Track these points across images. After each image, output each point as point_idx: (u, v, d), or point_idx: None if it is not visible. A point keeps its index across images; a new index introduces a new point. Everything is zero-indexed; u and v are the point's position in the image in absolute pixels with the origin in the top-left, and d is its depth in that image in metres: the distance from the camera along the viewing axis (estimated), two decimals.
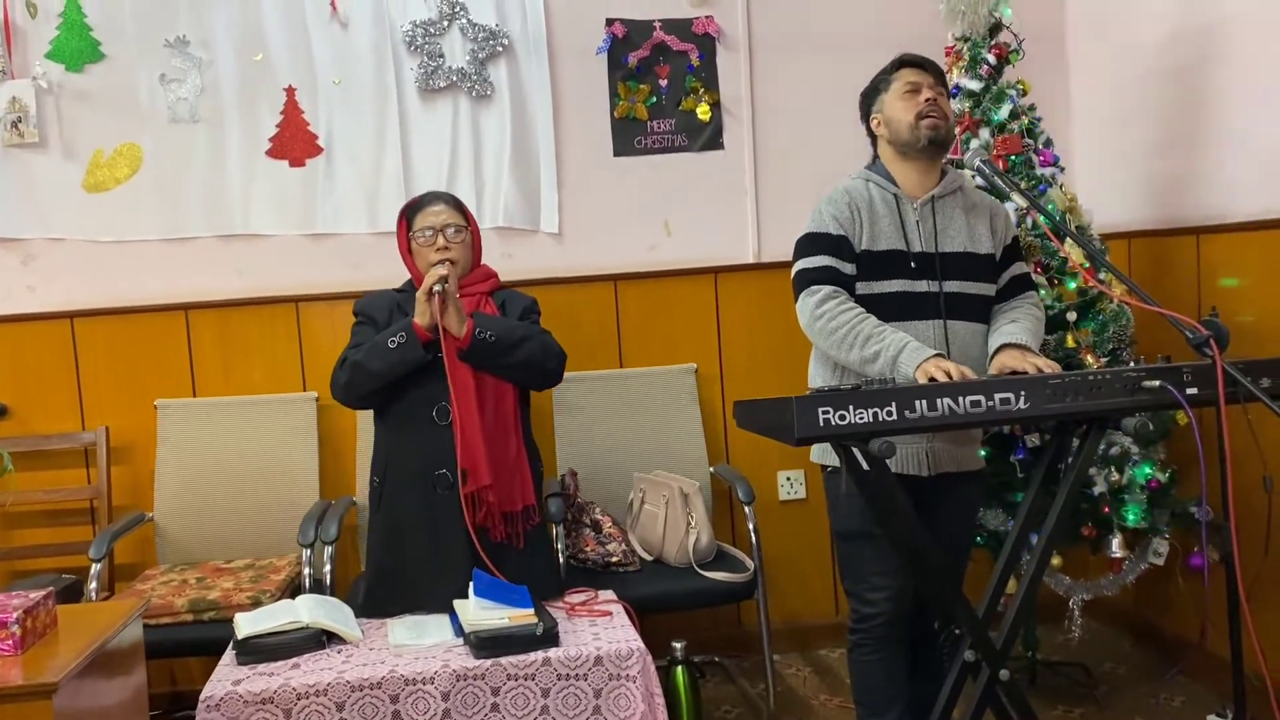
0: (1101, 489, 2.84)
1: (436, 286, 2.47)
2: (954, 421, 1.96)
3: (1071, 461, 2.17)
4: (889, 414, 1.91)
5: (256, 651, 2.23)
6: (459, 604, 2.33)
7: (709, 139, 3.55)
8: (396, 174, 3.39)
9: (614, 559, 3.01)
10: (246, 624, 2.29)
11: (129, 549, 3.28)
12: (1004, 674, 2.13)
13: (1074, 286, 2.96)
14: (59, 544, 3.24)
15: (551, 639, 2.21)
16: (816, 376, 2.46)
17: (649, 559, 3.09)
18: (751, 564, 3.00)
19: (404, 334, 2.50)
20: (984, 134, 3.03)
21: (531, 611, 2.26)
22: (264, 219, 3.38)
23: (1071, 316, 2.93)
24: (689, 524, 3.03)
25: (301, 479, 3.26)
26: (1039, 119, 3.08)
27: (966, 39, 3.08)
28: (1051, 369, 2.17)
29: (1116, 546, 2.88)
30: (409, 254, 2.70)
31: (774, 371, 3.49)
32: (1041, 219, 2.51)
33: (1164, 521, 2.90)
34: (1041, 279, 2.95)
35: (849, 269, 2.35)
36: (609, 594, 2.59)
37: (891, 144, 2.42)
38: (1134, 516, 2.84)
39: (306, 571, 2.86)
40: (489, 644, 2.18)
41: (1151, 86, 3.27)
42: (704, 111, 3.53)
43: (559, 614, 2.39)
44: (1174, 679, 3.16)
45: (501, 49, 3.41)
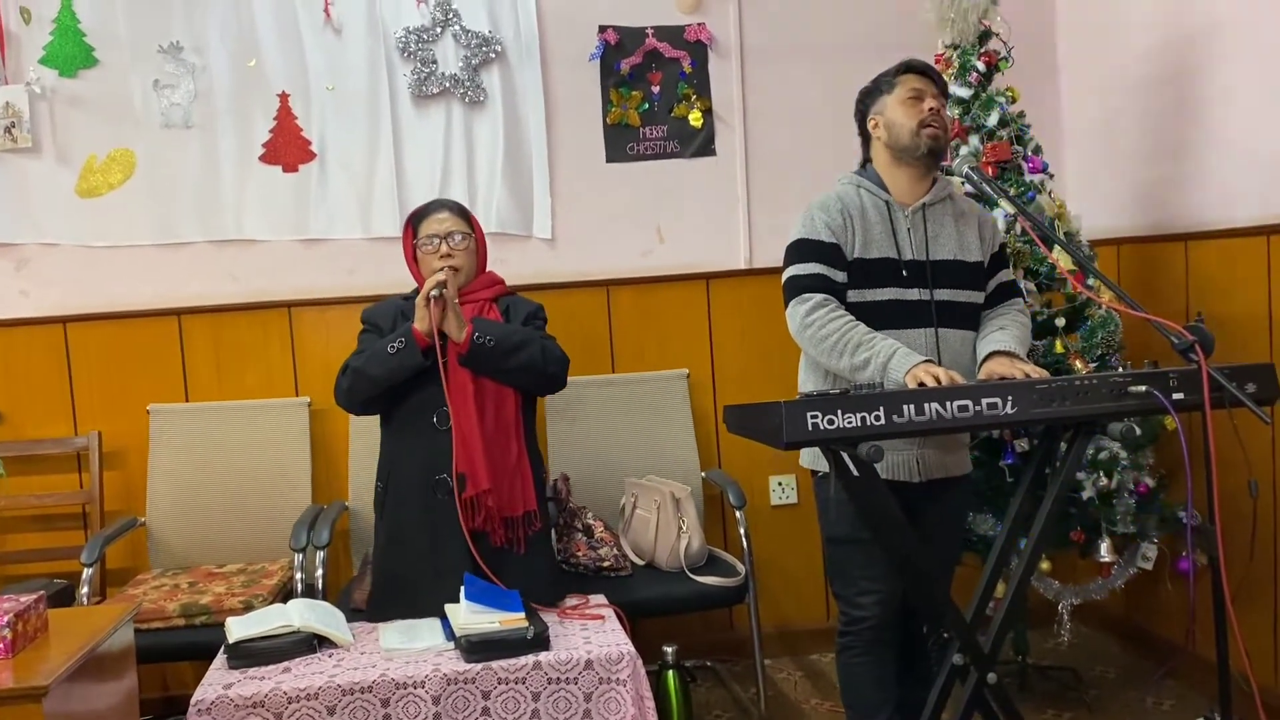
0: (1090, 494, 2.85)
1: (434, 292, 2.48)
2: (942, 426, 1.97)
3: (1059, 466, 2.18)
4: (877, 418, 1.92)
5: (248, 655, 2.23)
6: (450, 608, 2.33)
7: (701, 145, 3.56)
8: (389, 180, 3.40)
9: (606, 563, 3.01)
10: (238, 628, 2.30)
11: (121, 554, 3.28)
12: (991, 677, 2.14)
13: (1063, 292, 2.98)
14: (51, 549, 3.24)
15: (542, 643, 2.22)
16: (806, 382, 2.48)
17: (641, 563, 3.10)
18: (743, 568, 3.01)
19: (403, 339, 2.51)
20: (973, 141, 3.04)
21: (522, 615, 2.27)
22: (257, 224, 3.39)
23: (1060, 322, 2.95)
24: (680, 528, 3.04)
25: (294, 484, 3.26)
26: (1028, 126, 3.09)
27: (956, 46, 3.10)
28: (1039, 375, 2.19)
29: (1105, 551, 2.90)
30: (414, 262, 2.71)
31: (765, 377, 3.50)
32: (1030, 226, 2.52)
33: (1152, 526, 2.92)
34: (1030, 285, 2.97)
35: (840, 276, 2.36)
36: (600, 598, 2.60)
37: (888, 147, 2.42)
38: (1122, 521, 2.85)
39: (298, 576, 2.87)
40: (480, 648, 2.19)
41: (1140, 94, 3.29)
42: (696, 118, 3.54)
43: (550, 618, 2.40)
44: (1162, 682, 3.17)
45: (494, 55, 3.42)
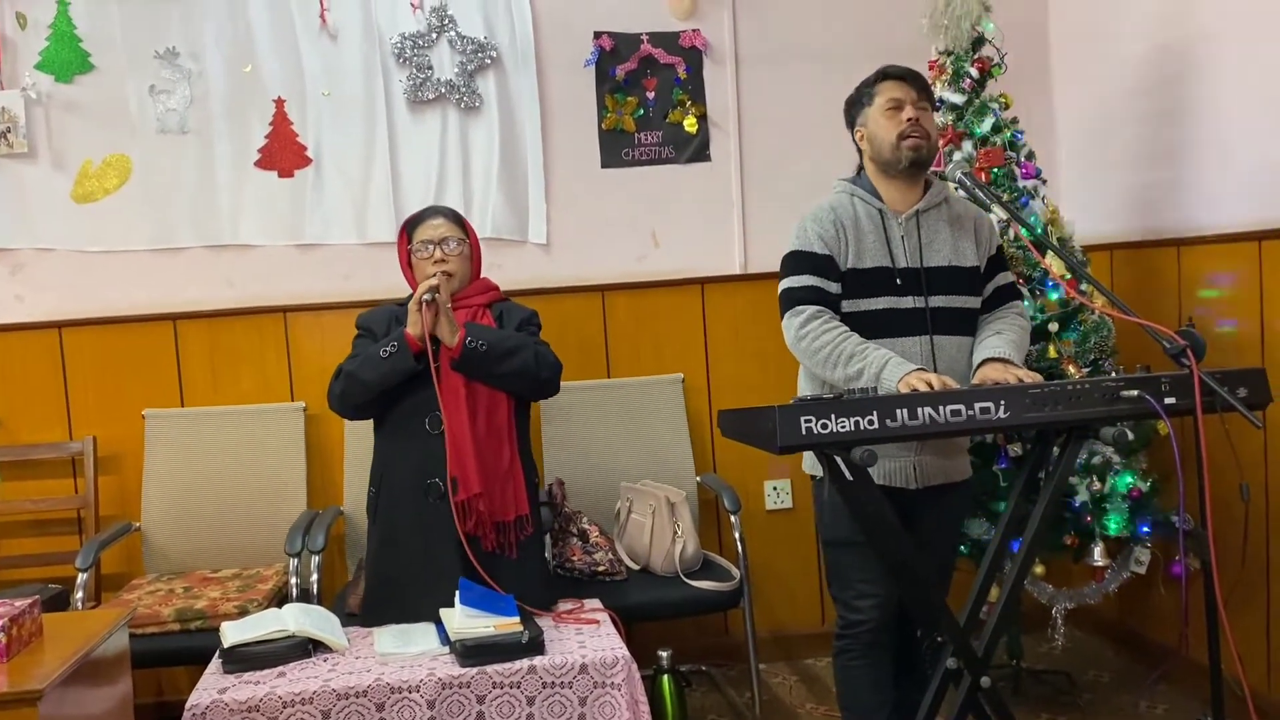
0: (1084, 498, 2.86)
1: (427, 296, 2.49)
2: (935, 430, 1.98)
3: (1052, 470, 2.19)
4: (870, 423, 1.93)
5: (243, 660, 2.23)
6: (445, 613, 2.34)
7: (696, 151, 3.58)
8: (385, 185, 3.41)
9: (601, 568, 3.02)
10: (233, 633, 2.30)
11: (116, 559, 3.28)
12: (985, 681, 2.15)
13: (1056, 298, 2.99)
14: (46, 554, 3.24)
15: (537, 647, 2.22)
16: (805, 391, 2.48)
17: (635, 568, 3.10)
18: (737, 573, 3.01)
19: (395, 344, 2.52)
20: (966, 147, 3.06)
21: (517, 620, 2.27)
22: (253, 230, 3.39)
23: (1053, 327, 2.96)
24: (675, 533, 3.05)
25: (289, 489, 3.26)
26: (1021, 132, 3.11)
27: (950, 53, 3.11)
28: (1032, 380, 2.19)
29: (1098, 555, 2.90)
30: (409, 267, 2.72)
31: (760, 381, 3.51)
32: (1023, 231, 2.53)
33: (1145, 530, 2.93)
34: (1024, 290, 2.98)
35: (834, 288, 2.36)
36: (595, 603, 2.60)
37: (874, 161, 2.42)
38: (1115, 525, 2.87)
39: (293, 581, 2.87)
40: (474, 652, 2.19)
41: (1133, 100, 3.31)
42: (691, 124, 3.56)
43: (545, 622, 2.40)
44: (1155, 686, 3.18)
45: (490, 61, 3.43)
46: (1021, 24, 3.51)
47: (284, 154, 3.39)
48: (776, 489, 3.61)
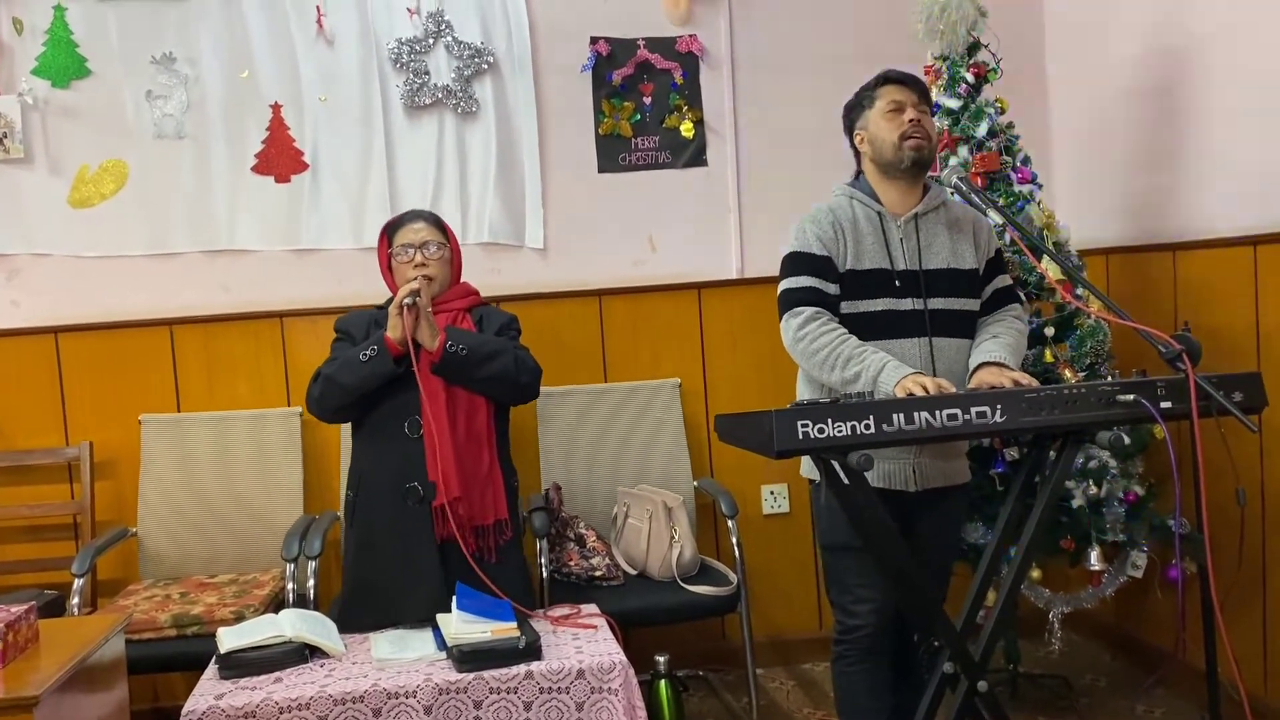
0: (1080, 502, 2.86)
1: (407, 300, 2.49)
2: (931, 434, 1.99)
3: (1048, 474, 2.19)
4: (867, 427, 1.94)
5: (239, 666, 2.23)
6: (442, 618, 2.33)
7: (692, 156, 3.58)
8: (382, 190, 3.41)
9: (598, 573, 3.02)
10: (229, 638, 2.29)
11: (112, 564, 3.27)
12: (982, 685, 2.15)
13: (1052, 302, 3.00)
14: (41, 559, 3.23)
15: (534, 652, 2.22)
16: (804, 394, 2.48)
17: (632, 573, 3.10)
18: (735, 578, 3.01)
19: (375, 347, 2.52)
20: (962, 151, 3.06)
21: (514, 625, 2.27)
22: (249, 235, 3.39)
23: (1049, 332, 2.96)
24: (672, 538, 3.05)
25: (285, 494, 3.26)
26: (1017, 137, 3.11)
27: (945, 58, 3.12)
28: (1029, 384, 2.20)
29: (1095, 559, 2.90)
30: (389, 271, 2.72)
31: (757, 386, 3.52)
32: (1019, 235, 2.54)
33: (1142, 534, 2.93)
34: (1021, 294, 2.98)
35: (833, 289, 2.37)
36: (592, 608, 2.60)
37: (874, 162, 2.43)
38: (1112, 529, 2.87)
39: (290, 586, 2.86)
40: (471, 657, 2.19)
41: (1129, 105, 3.31)
42: (687, 129, 3.56)
43: (542, 627, 2.40)
44: (1152, 690, 3.18)
45: (487, 66, 3.44)
46: (1017, 29, 3.51)
47: (281, 159, 3.39)
48: (774, 493, 3.61)
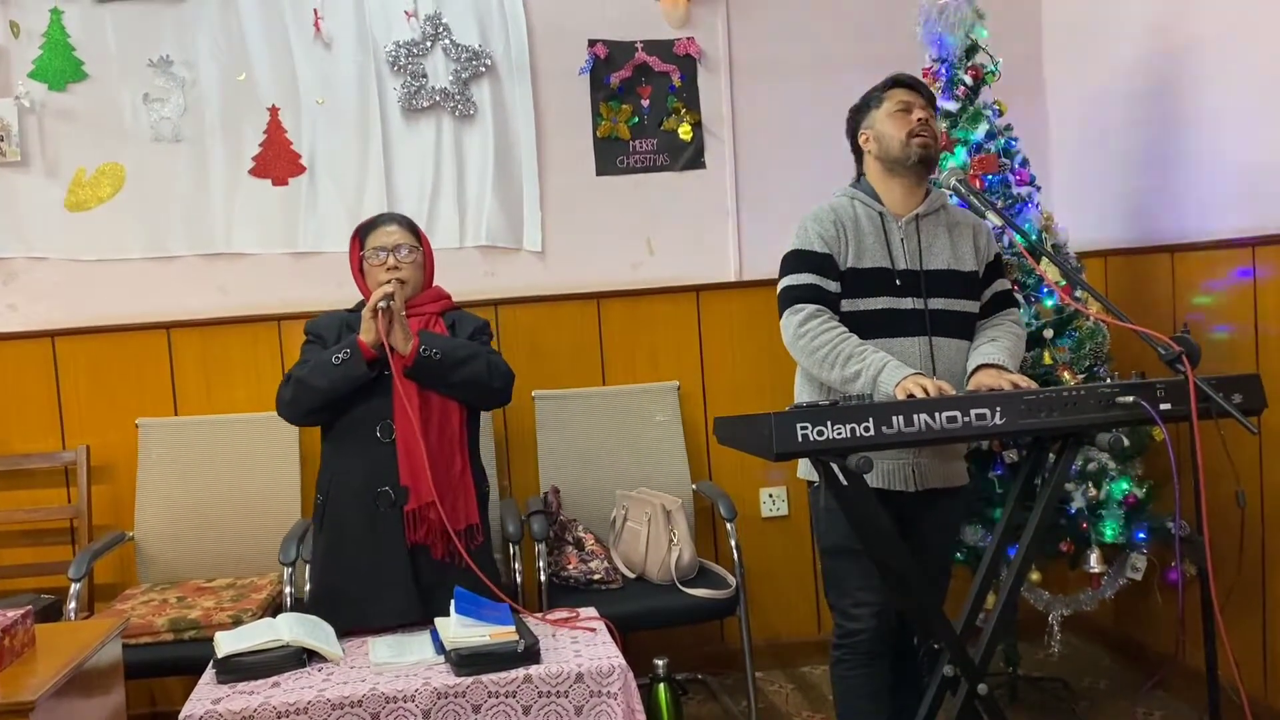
0: (1079, 504, 2.86)
1: (381, 303, 2.46)
2: (930, 437, 1.98)
3: (1047, 477, 2.19)
4: (866, 429, 1.93)
5: (237, 670, 2.22)
6: (440, 622, 2.32)
7: (691, 158, 3.58)
8: (379, 193, 3.41)
9: (596, 576, 3.01)
10: (227, 643, 2.28)
11: (109, 569, 3.26)
12: (982, 688, 2.14)
13: (1051, 304, 3.00)
14: (38, 564, 3.22)
15: (533, 656, 2.21)
16: (803, 393, 2.48)
17: (631, 576, 3.10)
18: (734, 581, 3.01)
19: (348, 350, 2.49)
20: (961, 154, 3.06)
21: (513, 629, 2.26)
22: (246, 238, 3.39)
23: (1048, 334, 2.96)
24: (671, 541, 3.04)
25: (283, 498, 3.25)
26: (1015, 139, 3.11)
27: (943, 60, 3.12)
28: (1028, 386, 2.20)
29: (1094, 562, 2.90)
30: (360, 274, 2.70)
31: (756, 389, 3.51)
32: (1017, 238, 2.54)
33: (1141, 536, 2.93)
34: (1019, 297, 2.98)
35: (833, 287, 2.37)
36: (591, 611, 2.59)
37: (880, 159, 2.44)
38: (1111, 532, 2.87)
39: (288, 590, 2.85)
40: (470, 661, 2.18)
41: (1127, 107, 3.32)
42: (685, 131, 3.56)
43: (541, 631, 2.39)
44: (1152, 693, 3.18)
45: (484, 69, 3.43)
46: (1015, 31, 3.52)
47: (278, 162, 3.38)
48: (772, 496, 3.61)
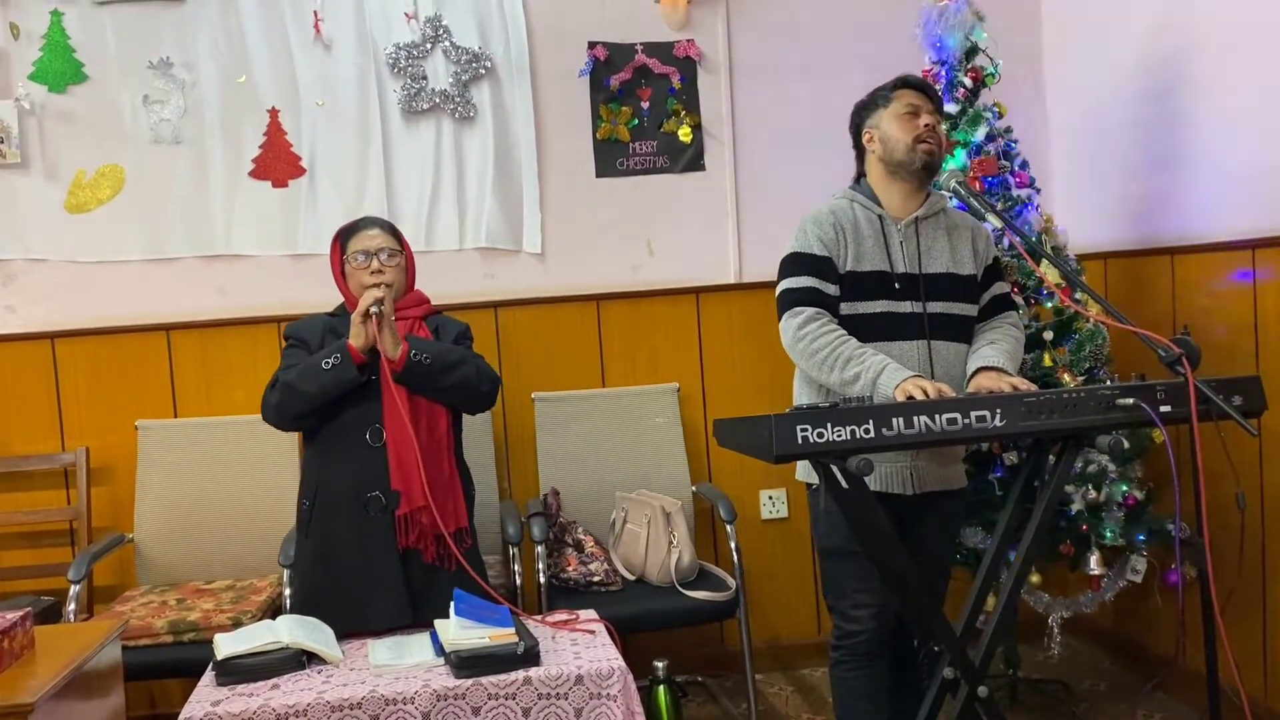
0: (1079, 506, 2.86)
1: (374, 309, 2.46)
2: (930, 439, 1.98)
3: (1047, 479, 2.19)
4: (866, 432, 1.93)
5: (236, 672, 2.21)
6: (440, 624, 2.32)
7: (690, 160, 3.58)
8: (379, 195, 3.41)
9: (596, 578, 3.01)
10: (226, 644, 2.28)
11: (109, 570, 3.26)
12: (982, 691, 2.14)
13: (1051, 306, 3.00)
14: (38, 565, 3.22)
15: (532, 658, 2.21)
16: (802, 396, 2.48)
17: (631, 578, 3.10)
18: (733, 583, 3.01)
19: (338, 355, 2.47)
20: (961, 156, 3.06)
21: (512, 631, 2.26)
22: (246, 240, 3.39)
23: (1048, 336, 2.96)
24: (671, 543, 3.04)
25: (282, 499, 3.24)
26: (1015, 141, 3.11)
27: (943, 62, 3.12)
28: (1028, 388, 2.20)
29: (1095, 564, 2.90)
30: (342, 278, 2.68)
31: (755, 391, 3.51)
32: (1017, 240, 2.54)
33: (1142, 538, 2.92)
34: (1018, 299, 2.98)
35: (832, 290, 2.37)
36: (590, 613, 2.59)
37: (883, 161, 2.43)
38: (1111, 534, 2.86)
39: (287, 592, 2.85)
40: (469, 663, 2.17)
41: (1127, 109, 3.32)
42: (685, 133, 3.56)
43: (541, 633, 2.39)
44: (1152, 695, 3.17)
45: (484, 71, 3.43)
46: (1015, 33, 3.52)
47: (278, 164, 3.38)
48: (772, 498, 3.60)
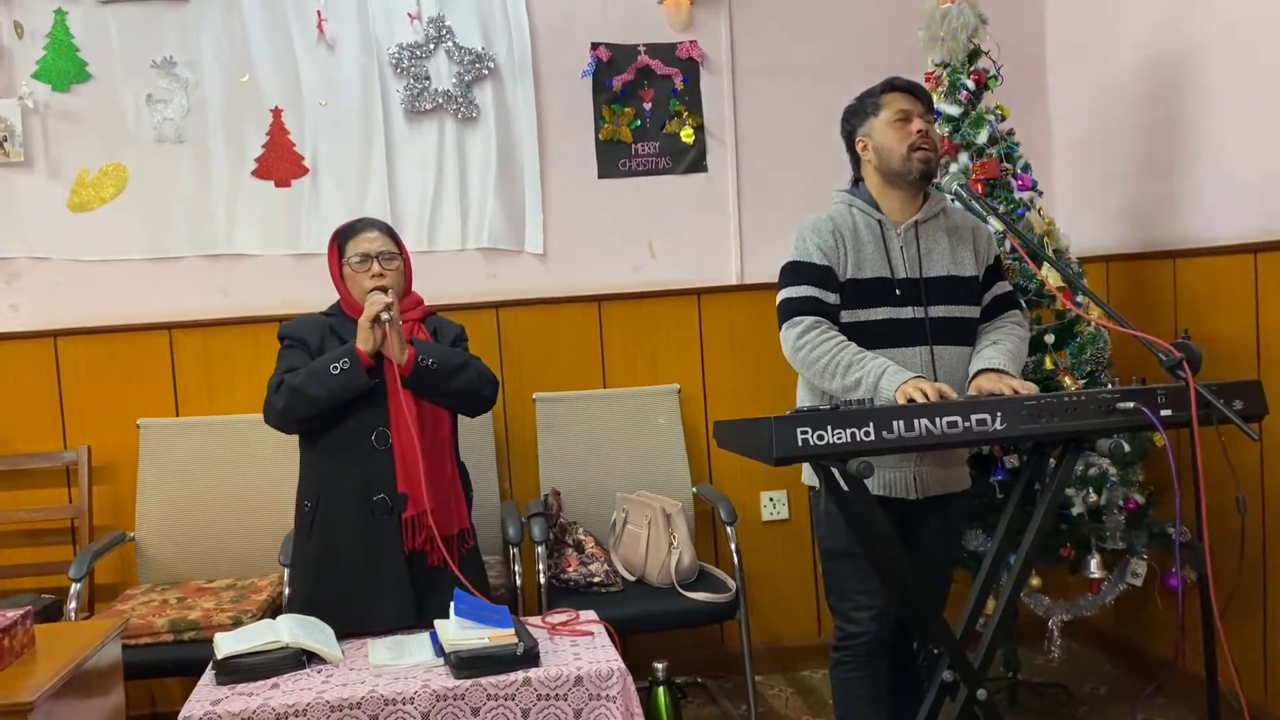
0: (1080, 510, 2.86)
1: (385, 315, 2.47)
2: (931, 442, 1.98)
3: (1048, 482, 2.19)
4: (867, 434, 1.93)
5: (236, 671, 2.22)
6: (440, 624, 2.32)
7: (693, 162, 3.58)
8: (382, 195, 3.41)
9: (596, 579, 3.01)
10: (226, 644, 2.28)
11: (110, 569, 3.26)
12: (981, 694, 2.14)
13: (1052, 309, 2.99)
14: (39, 563, 3.23)
15: (532, 659, 2.21)
16: (804, 400, 2.48)
17: (631, 579, 3.10)
18: (734, 584, 3.01)
19: (347, 360, 2.47)
20: (963, 158, 3.06)
21: (512, 631, 2.26)
22: (249, 239, 3.39)
23: (1049, 339, 2.96)
24: (671, 544, 3.04)
25: (284, 499, 3.22)
26: (1017, 144, 3.11)
27: (946, 65, 3.12)
28: (1029, 391, 2.20)
29: (1095, 567, 2.90)
30: (340, 279, 2.68)
31: (756, 392, 3.51)
32: (1019, 243, 2.53)
33: (1142, 542, 2.92)
34: (1021, 301, 2.98)
35: (833, 298, 2.36)
36: (590, 614, 2.59)
37: (879, 171, 2.42)
38: (1112, 537, 2.86)
39: (288, 591, 2.85)
40: (469, 664, 2.17)
41: (1129, 112, 3.32)
42: (688, 134, 3.56)
43: (540, 634, 2.39)
44: (1151, 699, 3.17)
45: (487, 72, 3.44)
46: (1017, 36, 3.52)
47: (281, 164, 3.39)
48: (773, 500, 3.60)
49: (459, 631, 2.25)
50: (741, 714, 3.26)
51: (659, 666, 2.86)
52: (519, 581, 3.01)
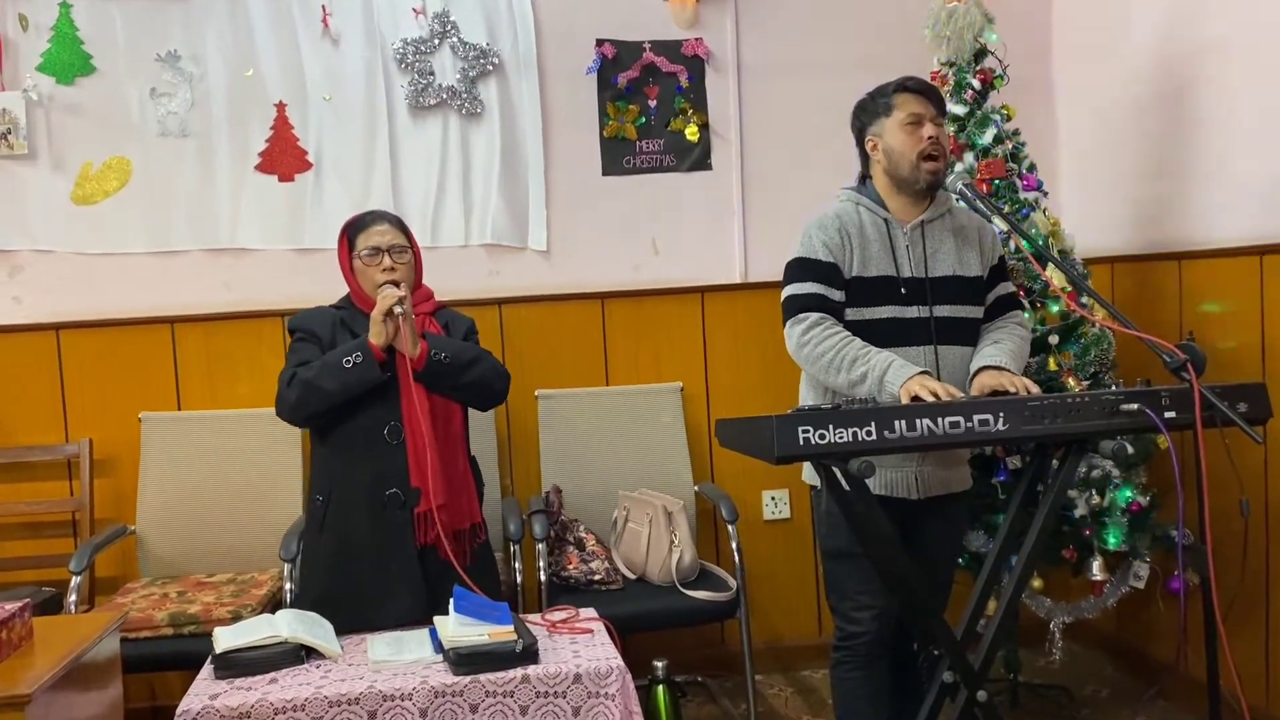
0: (1083, 512, 2.85)
1: (398, 309, 2.46)
2: (933, 442, 1.98)
3: (1050, 483, 2.18)
4: (868, 434, 1.93)
5: (235, 666, 2.22)
6: (439, 620, 2.32)
7: (697, 159, 3.57)
8: (385, 190, 3.40)
9: (597, 577, 3.01)
10: (226, 638, 2.28)
11: (110, 562, 3.27)
12: (982, 695, 2.13)
13: (1056, 310, 2.99)
14: (39, 556, 3.23)
15: (531, 656, 2.21)
16: (807, 399, 2.47)
17: (632, 577, 3.09)
18: (734, 583, 3.00)
19: (360, 353, 2.47)
20: (968, 158, 3.05)
21: (511, 628, 2.26)
22: (252, 233, 3.39)
23: (1053, 340, 2.95)
24: (672, 542, 3.04)
25: (285, 494, 3.25)
26: (1023, 144, 3.10)
27: (952, 64, 3.11)
28: (1030, 388, 2.19)
29: (1097, 569, 2.89)
30: (350, 272, 2.67)
31: (759, 391, 3.50)
32: (1024, 243, 2.53)
33: (1145, 544, 2.91)
34: (1024, 302, 2.97)
35: (838, 295, 2.36)
36: (590, 612, 2.58)
37: (888, 173, 2.41)
38: (1115, 539, 2.85)
39: (288, 586, 2.86)
40: (468, 660, 2.17)
41: (1135, 113, 3.30)
42: (692, 132, 3.55)
43: (539, 631, 2.39)
44: (1153, 701, 3.16)
45: (492, 68, 3.43)
46: (1024, 36, 3.51)
47: (284, 158, 3.38)
48: (774, 499, 3.60)
49: (458, 628, 2.25)
50: (741, 713, 3.26)
51: (659, 665, 2.85)
52: (519, 578, 3.01)
